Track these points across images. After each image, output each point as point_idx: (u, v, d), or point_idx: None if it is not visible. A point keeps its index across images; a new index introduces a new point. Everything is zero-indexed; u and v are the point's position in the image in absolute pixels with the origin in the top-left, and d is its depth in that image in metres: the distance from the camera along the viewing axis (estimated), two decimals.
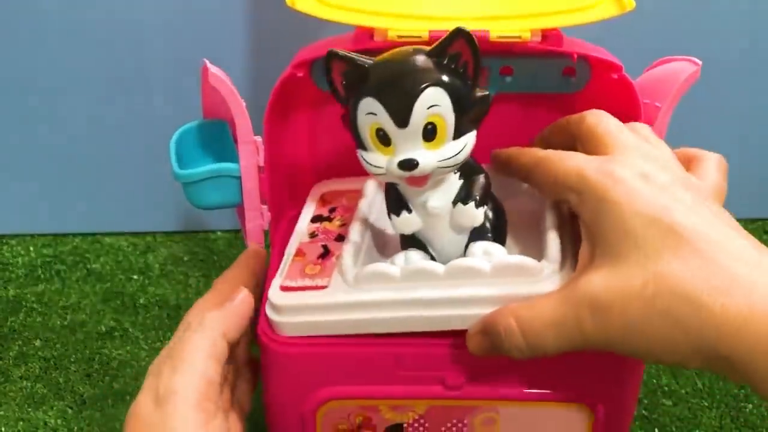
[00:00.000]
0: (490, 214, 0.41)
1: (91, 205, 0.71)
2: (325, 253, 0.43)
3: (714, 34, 0.65)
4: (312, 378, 0.40)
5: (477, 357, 0.38)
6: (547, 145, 0.41)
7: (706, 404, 0.56)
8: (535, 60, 0.45)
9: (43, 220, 0.72)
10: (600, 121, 0.39)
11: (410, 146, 0.36)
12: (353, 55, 0.37)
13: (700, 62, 0.42)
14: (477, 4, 0.42)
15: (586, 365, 0.40)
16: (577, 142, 0.39)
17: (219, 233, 0.74)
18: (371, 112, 0.36)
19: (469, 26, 0.39)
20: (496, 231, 0.41)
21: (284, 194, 0.50)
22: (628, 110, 0.44)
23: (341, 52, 0.37)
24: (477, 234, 0.40)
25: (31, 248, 0.72)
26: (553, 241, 0.40)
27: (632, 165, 0.35)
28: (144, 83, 0.65)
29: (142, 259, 0.71)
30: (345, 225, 0.45)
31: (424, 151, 0.36)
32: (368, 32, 0.41)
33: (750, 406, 0.56)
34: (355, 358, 0.39)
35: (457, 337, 0.39)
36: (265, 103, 0.44)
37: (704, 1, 0.64)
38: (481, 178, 0.40)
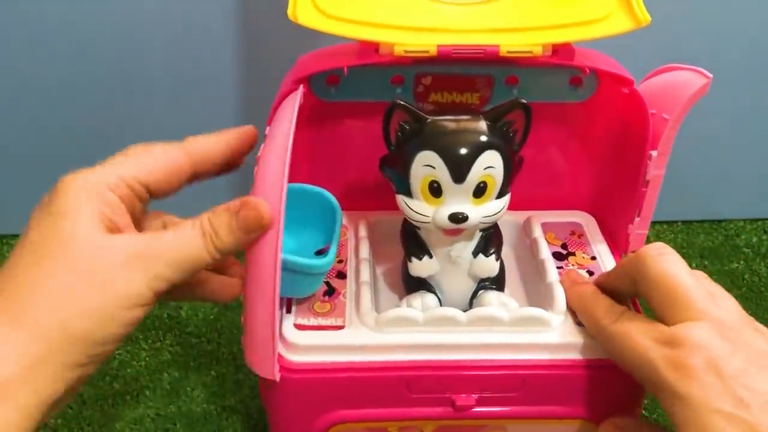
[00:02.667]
0: None
1: None
2: (331, 291, 0.44)
3: (712, 35, 0.64)
4: (322, 402, 0.40)
5: (486, 380, 0.39)
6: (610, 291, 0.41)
7: None
8: (542, 70, 0.45)
9: None
10: (666, 271, 0.37)
11: (459, 200, 0.39)
12: (415, 108, 0.38)
13: (710, 75, 0.42)
14: (487, 16, 0.40)
15: (591, 384, 0.40)
16: (640, 286, 0.38)
17: None
18: (429, 165, 0.38)
19: (479, 39, 0.39)
20: (499, 280, 0.43)
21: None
22: (636, 123, 0.44)
23: (404, 103, 0.38)
24: (485, 283, 0.43)
25: None
26: (558, 293, 0.42)
27: (704, 349, 0.34)
28: (144, 84, 0.64)
29: None
30: (342, 262, 0.46)
31: (471, 206, 0.39)
32: (373, 45, 0.40)
33: None
34: (367, 384, 0.40)
35: (466, 360, 0.40)
36: (265, 110, 0.43)
37: (704, 3, 0.63)
38: (498, 233, 0.43)
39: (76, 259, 0.32)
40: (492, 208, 0.39)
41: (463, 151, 0.38)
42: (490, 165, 0.38)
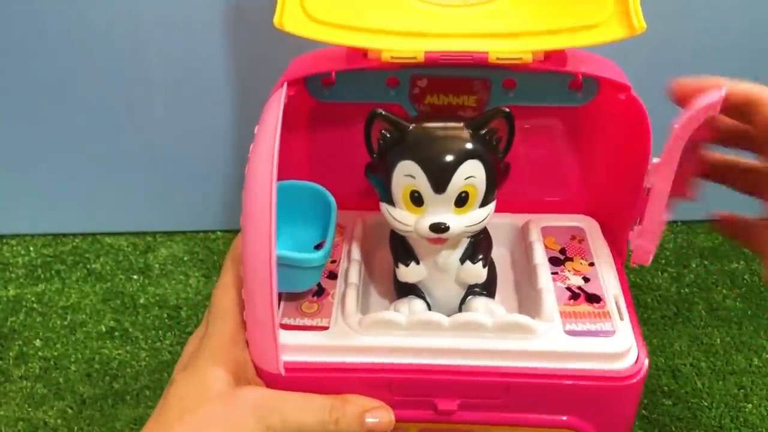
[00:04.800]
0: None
1: (91, 205, 0.71)
2: (320, 291, 0.44)
3: (709, 32, 0.63)
4: None
5: (469, 386, 0.39)
6: None
7: (705, 404, 0.56)
8: (540, 74, 0.44)
9: (43, 220, 0.72)
10: None
11: (441, 210, 0.38)
12: (396, 117, 0.38)
13: (725, 92, 0.39)
14: (477, 20, 0.39)
15: (576, 394, 0.40)
16: None
17: (219, 233, 0.73)
18: (410, 175, 0.38)
19: (468, 46, 0.39)
20: (489, 286, 0.43)
21: None
22: (636, 129, 0.43)
23: (384, 112, 0.38)
24: (474, 289, 0.42)
25: (31, 248, 0.72)
26: (548, 299, 0.41)
27: None
28: (144, 84, 0.64)
29: (142, 259, 0.70)
30: (335, 262, 0.46)
31: (453, 216, 0.38)
32: (361, 50, 0.40)
33: (750, 406, 0.56)
34: (349, 385, 0.39)
35: (448, 365, 0.39)
36: (258, 110, 0.43)
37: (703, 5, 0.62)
38: (487, 239, 0.42)
39: (211, 410, 0.36)
40: (475, 218, 0.39)
41: (443, 161, 0.37)
42: (471, 175, 0.38)
